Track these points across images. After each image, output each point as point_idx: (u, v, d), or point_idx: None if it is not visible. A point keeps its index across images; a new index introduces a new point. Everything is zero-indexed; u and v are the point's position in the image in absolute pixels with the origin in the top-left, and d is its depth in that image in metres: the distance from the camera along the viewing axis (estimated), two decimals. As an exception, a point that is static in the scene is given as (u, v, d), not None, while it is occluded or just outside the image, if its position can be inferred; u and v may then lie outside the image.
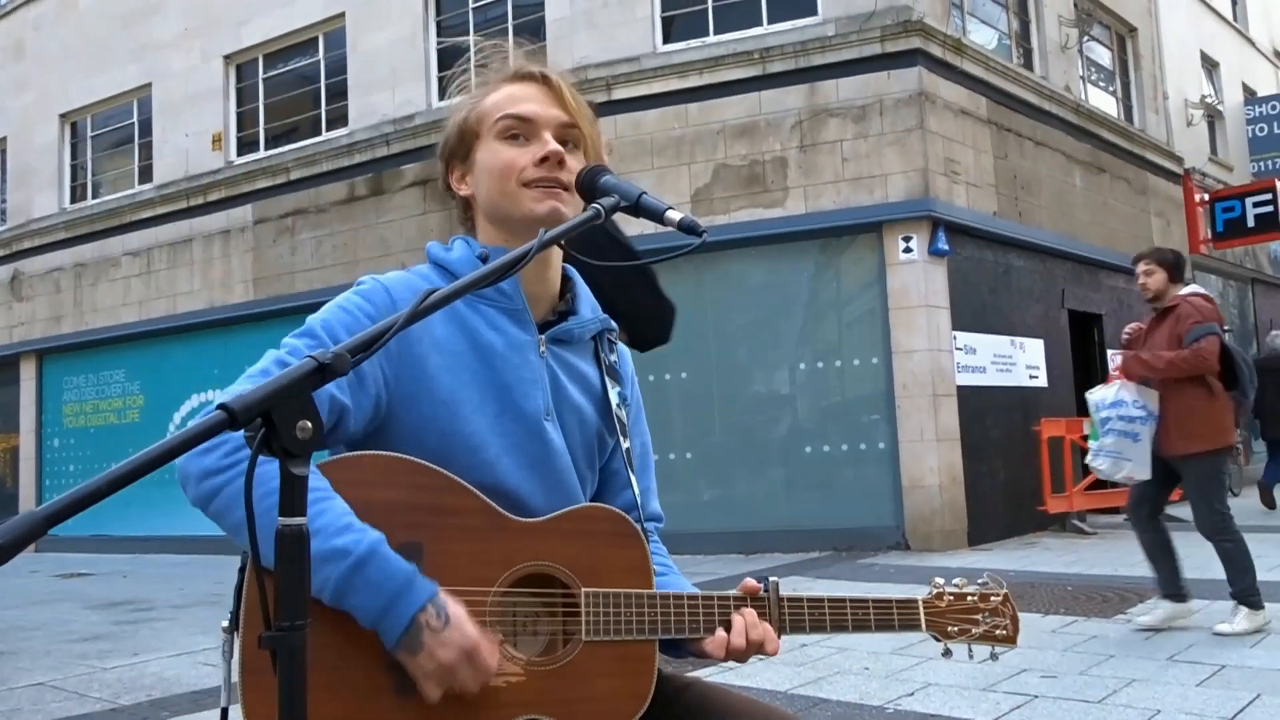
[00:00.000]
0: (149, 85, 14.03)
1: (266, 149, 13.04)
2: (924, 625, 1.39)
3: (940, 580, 1.42)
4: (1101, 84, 13.27)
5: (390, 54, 11.84)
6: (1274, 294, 17.46)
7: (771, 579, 1.37)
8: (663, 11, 10.37)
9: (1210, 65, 16.32)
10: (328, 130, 12.50)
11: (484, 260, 1.37)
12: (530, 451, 1.34)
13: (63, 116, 15.16)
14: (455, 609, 1.17)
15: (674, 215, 1.25)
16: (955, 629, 1.40)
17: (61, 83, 15.08)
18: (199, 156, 13.36)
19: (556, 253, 1.44)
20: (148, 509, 12.04)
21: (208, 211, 13.12)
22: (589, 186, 1.35)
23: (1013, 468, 9.78)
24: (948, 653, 1.41)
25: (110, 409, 14.08)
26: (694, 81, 9.90)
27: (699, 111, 9.87)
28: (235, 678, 1.14)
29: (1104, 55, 13.49)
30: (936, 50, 9.49)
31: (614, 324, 1.54)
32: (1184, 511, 10.97)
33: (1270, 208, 14.11)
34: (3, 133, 15.93)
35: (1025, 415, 9.99)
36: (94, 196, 14.96)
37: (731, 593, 1.36)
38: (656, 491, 1.57)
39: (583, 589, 1.25)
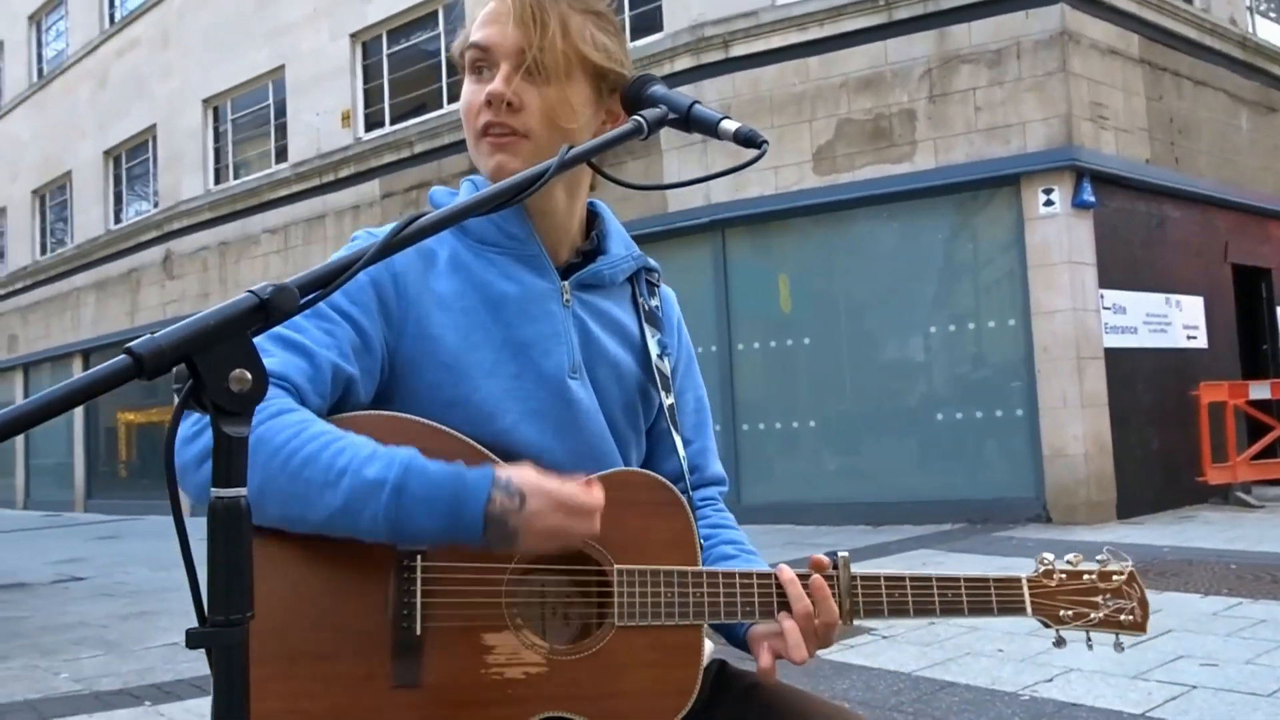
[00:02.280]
0: (282, 67, 14.47)
1: (391, 124, 13.27)
2: (1029, 609, 1.15)
3: (1049, 556, 1.18)
4: (1272, 14, 12.09)
5: (508, 23, 11.81)
6: None
7: (841, 553, 1.14)
8: (782, -39, 9.94)
9: (1400, -11, 14.66)
10: (449, 104, 12.60)
11: None
12: (555, 415, 1.16)
13: (205, 101, 15.82)
14: (523, 476, 1.02)
15: (729, 125, 1.05)
16: (1069, 613, 1.16)
17: (203, 68, 15.73)
18: (330, 134, 13.72)
19: (581, 184, 1.24)
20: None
21: (339, 188, 13.47)
22: (634, 98, 1.15)
23: (1167, 436, 9.07)
24: (1060, 642, 1.17)
25: (255, 381, 14.69)
26: (814, 34, 9.47)
27: (819, 65, 9.44)
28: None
29: (1274, -17, 12.28)
30: (1081, -15, 8.78)
31: (652, 262, 1.33)
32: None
33: None
34: (153, 119, 16.76)
35: (1181, 379, 9.23)
36: (235, 177, 15.59)
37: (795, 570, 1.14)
38: (716, 451, 1.36)
39: (615, 566, 1.07)
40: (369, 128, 13.59)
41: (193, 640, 0.72)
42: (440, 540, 1.00)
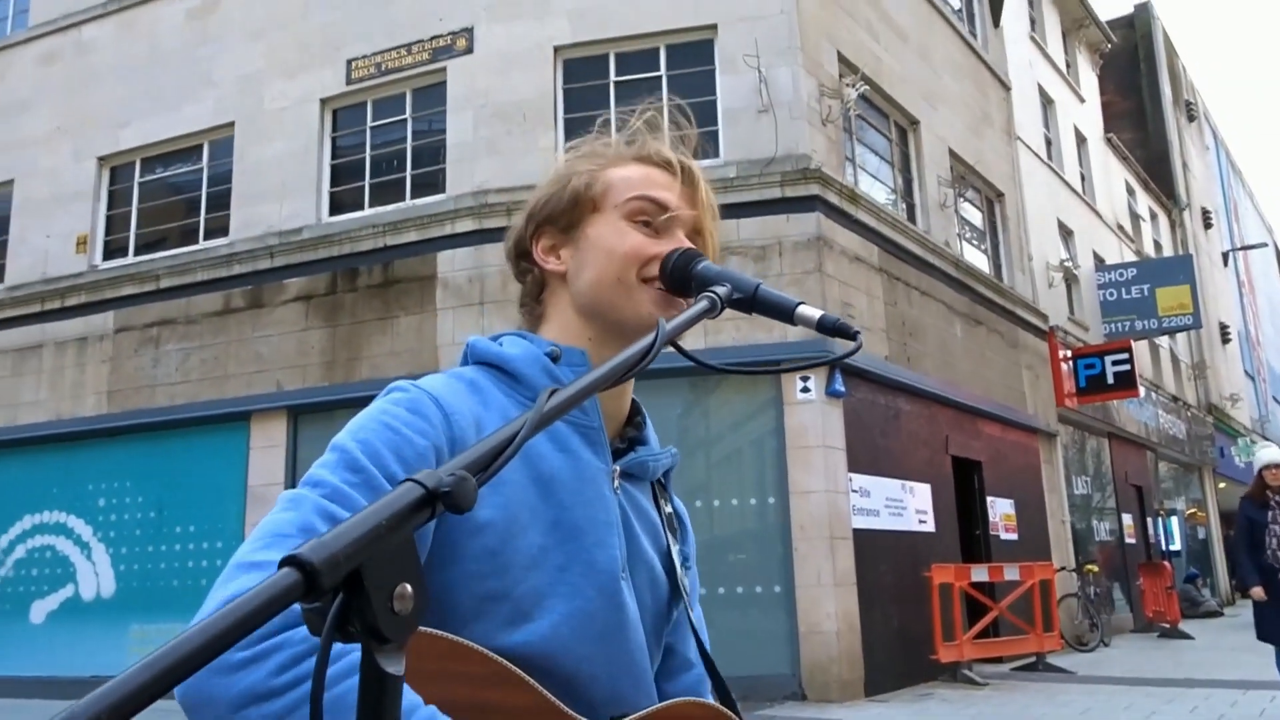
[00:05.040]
0: (10, 181, 13.16)
1: (136, 255, 12.30)
2: None
3: None
4: (975, 242, 14.00)
5: (280, 166, 11.46)
6: (1128, 448, 18.40)
7: None
8: (566, 142, 10.38)
9: (1066, 232, 17.52)
10: (205, 240, 11.89)
11: (554, 359, 1.06)
12: (602, 619, 1.00)
13: (-95, 208, 14.00)
14: None
15: (810, 312, 0.98)
16: None
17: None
18: (60, 258, 12.48)
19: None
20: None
21: (64, 317, 12.17)
22: (680, 275, 1.07)
23: (905, 614, 9.64)
24: None
25: (-77, 529, 12.52)
26: (597, 213, 9.86)
27: (601, 242, 9.80)
28: None
29: (976, 216, 14.29)
30: (833, 198, 9.78)
31: (678, 461, 1.24)
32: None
33: (1127, 366, 14.96)
34: None
35: (915, 560, 9.94)
36: (-68, 294, 13.72)
37: None
38: None
39: None
40: (109, 256, 12.52)
41: None
42: None
